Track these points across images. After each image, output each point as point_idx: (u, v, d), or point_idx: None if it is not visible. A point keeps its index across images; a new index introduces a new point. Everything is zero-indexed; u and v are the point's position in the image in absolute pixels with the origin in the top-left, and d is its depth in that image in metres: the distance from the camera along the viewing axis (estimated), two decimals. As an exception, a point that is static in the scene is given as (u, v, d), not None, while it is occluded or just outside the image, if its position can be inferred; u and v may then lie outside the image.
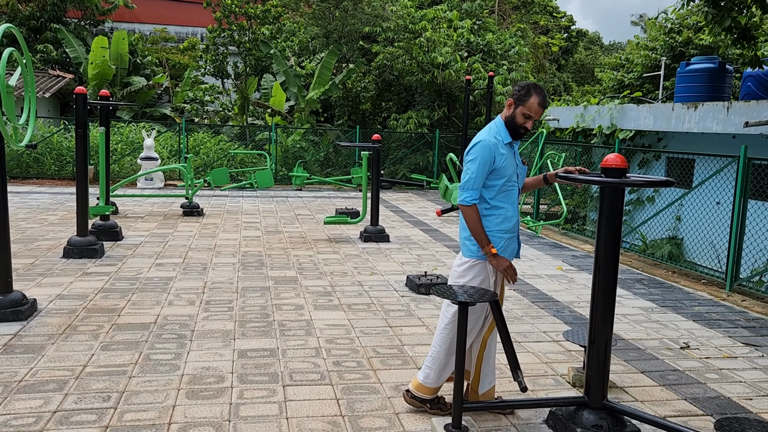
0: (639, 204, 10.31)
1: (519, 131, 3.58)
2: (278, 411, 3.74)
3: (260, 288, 6.48)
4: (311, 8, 20.56)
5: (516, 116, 3.56)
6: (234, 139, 19.02)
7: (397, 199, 15.10)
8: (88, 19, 23.52)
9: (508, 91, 18.80)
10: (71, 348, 4.60)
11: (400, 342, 5.01)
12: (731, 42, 8.77)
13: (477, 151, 3.52)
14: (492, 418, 3.74)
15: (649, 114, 9.75)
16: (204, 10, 19.91)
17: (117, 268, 7.11)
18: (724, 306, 6.59)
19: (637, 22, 41.23)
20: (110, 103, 8.61)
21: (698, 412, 3.96)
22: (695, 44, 16.21)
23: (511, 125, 3.58)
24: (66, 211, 10.97)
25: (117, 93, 21.07)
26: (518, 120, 3.55)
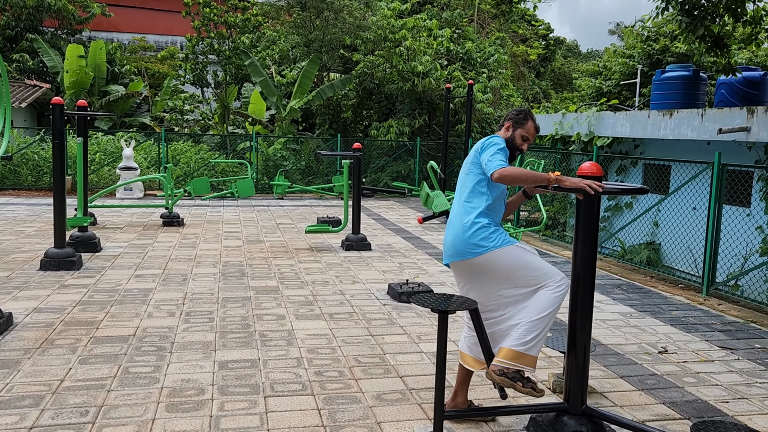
0: (617, 210, 10.44)
1: (515, 153, 3.70)
2: (259, 423, 3.71)
3: (241, 298, 6.44)
4: (292, 17, 20.58)
5: (515, 138, 3.70)
6: (215, 148, 18.92)
7: (378, 207, 15.12)
8: (65, 28, 23.30)
9: (488, 98, 18.99)
10: (48, 362, 4.53)
11: (382, 351, 5.02)
12: (705, 50, 8.94)
13: (497, 142, 3.55)
14: (473, 425, 3.76)
15: (626, 121, 9.89)
16: (183, 18, 19.79)
17: (95, 279, 7.02)
18: (701, 310, 6.69)
19: (615, 30, 41.86)
20: (88, 113, 8.53)
21: (676, 416, 4.01)
22: (672, 52, 16.51)
23: (510, 146, 3.68)
24: (43, 223, 10.82)
25: (95, 102, 20.86)
26: (517, 141, 3.70)
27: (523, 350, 3.40)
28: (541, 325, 3.41)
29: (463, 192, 3.68)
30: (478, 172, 3.61)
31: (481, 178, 3.60)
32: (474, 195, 3.61)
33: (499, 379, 3.43)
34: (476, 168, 3.63)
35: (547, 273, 3.47)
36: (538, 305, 3.42)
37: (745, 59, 15.27)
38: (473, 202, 3.60)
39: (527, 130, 3.70)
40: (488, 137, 3.67)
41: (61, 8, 21.86)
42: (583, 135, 10.85)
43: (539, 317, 3.40)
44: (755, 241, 7.86)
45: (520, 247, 3.56)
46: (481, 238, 3.51)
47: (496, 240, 3.51)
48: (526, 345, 3.40)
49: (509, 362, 3.40)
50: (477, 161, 3.63)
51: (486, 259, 3.51)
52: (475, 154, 3.64)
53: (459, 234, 3.57)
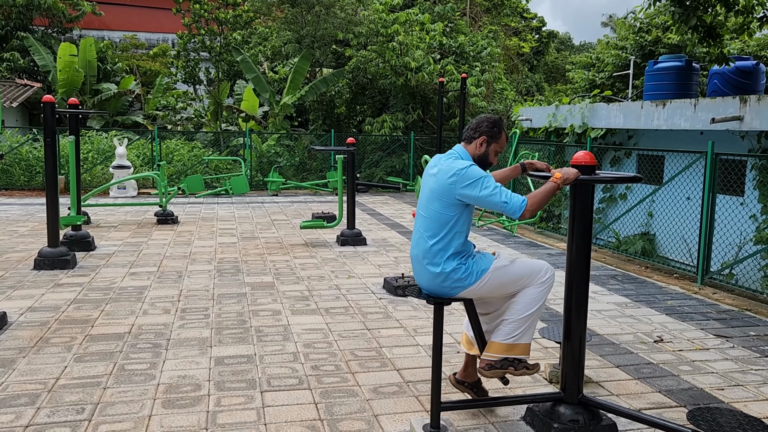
0: (612, 201, 10.46)
1: (485, 168, 3.42)
2: (256, 417, 3.71)
3: (237, 294, 6.43)
4: (283, 13, 20.50)
5: (489, 154, 3.44)
6: (208, 145, 18.86)
7: (373, 202, 15.11)
8: (55, 26, 23.15)
9: (481, 92, 18.97)
10: (43, 361, 4.51)
11: (378, 344, 5.01)
12: (698, 40, 8.95)
13: (476, 171, 3.25)
14: (470, 416, 3.76)
15: (619, 112, 9.90)
16: (174, 16, 19.69)
17: (90, 278, 6.99)
18: (696, 299, 6.72)
19: (607, 22, 41.88)
20: (79, 111, 8.48)
21: (672, 404, 4.03)
22: (664, 43, 16.52)
23: (482, 162, 3.42)
24: (36, 222, 10.76)
25: (87, 101, 20.75)
26: (491, 158, 3.45)
27: (513, 342, 3.40)
28: (530, 319, 3.40)
29: (429, 226, 3.35)
30: (450, 203, 3.28)
31: (455, 214, 3.29)
32: (445, 233, 3.31)
33: (489, 374, 3.43)
34: (447, 199, 3.28)
35: (531, 275, 3.39)
36: (526, 303, 3.38)
37: (737, 49, 15.30)
38: (442, 242, 3.31)
39: (501, 143, 3.45)
40: (455, 160, 3.33)
41: (51, 6, 21.71)
42: (576, 127, 10.85)
43: (527, 314, 3.38)
44: (749, 230, 7.89)
45: (496, 267, 3.38)
46: (454, 280, 3.34)
47: (469, 277, 3.34)
48: (516, 337, 3.39)
49: (500, 355, 3.40)
50: (450, 192, 3.26)
51: (465, 294, 3.42)
52: (448, 186, 3.27)
53: (431, 280, 3.37)
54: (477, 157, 3.45)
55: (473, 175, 3.24)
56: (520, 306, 3.37)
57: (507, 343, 3.39)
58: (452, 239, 3.33)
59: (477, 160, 3.44)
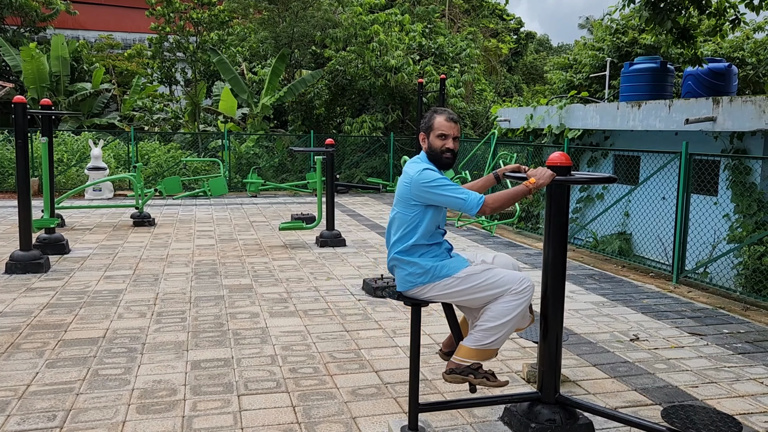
0: (589, 201, 10.56)
1: (444, 157, 3.40)
2: (233, 421, 3.67)
3: (214, 297, 6.36)
4: (260, 14, 20.38)
5: (433, 143, 3.41)
6: (186, 146, 18.66)
7: (353, 203, 15.08)
8: (27, 25, 22.73)
9: (461, 92, 19.05)
10: (14, 367, 4.42)
11: (357, 346, 4.99)
12: (672, 41, 9.08)
13: (427, 175, 3.27)
14: (448, 417, 3.76)
15: (596, 113, 10.01)
16: (148, 17, 19.45)
17: (63, 282, 6.87)
18: (671, 298, 6.81)
19: (584, 24, 42.34)
20: (51, 112, 8.33)
21: (648, 402, 4.07)
22: (640, 44, 16.72)
23: (434, 155, 3.42)
24: (8, 225, 10.55)
25: (62, 102, 20.41)
26: (436, 145, 3.39)
27: (482, 348, 3.32)
28: (504, 329, 3.29)
29: (395, 226, 3.44)
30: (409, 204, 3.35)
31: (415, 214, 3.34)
32: (407, 232, 3.37)
33: (449, 378, 3.39)
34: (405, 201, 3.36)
35: (504, 286, 3.28)
36: (499, 311, 3.28)
37: (710, 51, 15.55)
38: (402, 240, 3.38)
39: (438, 126, 3.39)
40: (414, 165, 3.37)
41: (24, 5, 21.32)
42: (554, 127, 10.94)
43: (500, 323, 3.28)
44: (723, 229, 8.02)
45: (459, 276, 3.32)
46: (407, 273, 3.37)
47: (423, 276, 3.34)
48: (486, 344, 3.31)
49: (466, 359, 3.34)
50: (407, 194, 3.34)
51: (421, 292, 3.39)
52: (404, 189, 3.36)
53: (400, 277, 3.43)
54: (429, 153, 3.44)
55: (424, 179, 3.28)
56: (493, 314, 3.29)
57: (475, 348, 3.32)
58: (412, 237, 3.37)
59: (431, 157, 3.43)
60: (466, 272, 3.34)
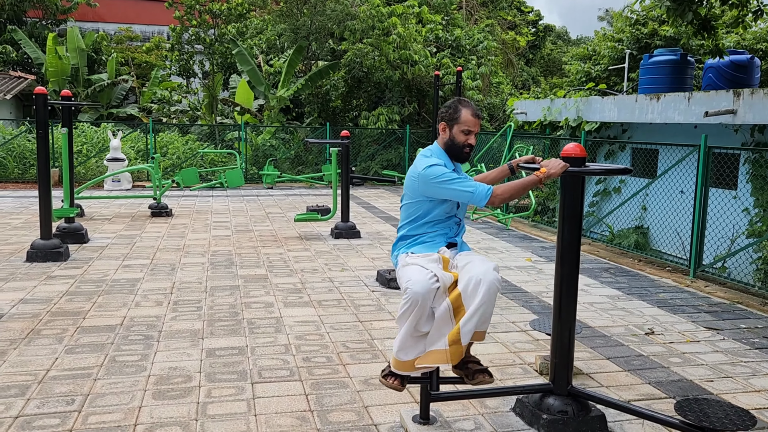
0: (606, 195, 10.47)
1: (464, 152, 3.33)
2: (246, 408, 3.71)
3: (229, 287, 6.43)
4: (278, 6, 20.40)
5: (455, 136, 3.31)
6: (203, 138, 18.80)
7: (368, 195, 15.10)
8: (48, 18, 23.00)
9: (477, 85, 18.94)
10: (34, 352, 4.51)
11: (370, 336, 5.02)
12: (693, 33, 8.94)
13: (435, 170, 3.22)
14: (459, 407, 3.78)
15: (614, 106, 9.90)
16: (168, 8, 19.59)
17: (82, 270, 6.98)
18: (688, 292, 6.74)
19: (604, 16, 41.80)
20: (71, 103, 8.44)
21: (661, 395, 4.05)
22: (660, 35, 16.49)
23: (453, 148, 3.33)
24: (30, 215, 10.73)
25: (80, 93, 20.65)
26: (459, 139, 3.30)
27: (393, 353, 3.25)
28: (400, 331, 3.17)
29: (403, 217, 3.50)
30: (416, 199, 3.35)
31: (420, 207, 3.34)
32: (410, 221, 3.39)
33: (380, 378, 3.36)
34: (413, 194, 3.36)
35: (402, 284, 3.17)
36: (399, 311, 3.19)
37: (732, 42, 15.29)
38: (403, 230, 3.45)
39: (465, 122, 3.28)
40: (423, 159, 3.32)
41: (44, -3, 21.60)
42: (571, 120, 10.85)
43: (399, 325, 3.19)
44: (742, 224, 7.91)
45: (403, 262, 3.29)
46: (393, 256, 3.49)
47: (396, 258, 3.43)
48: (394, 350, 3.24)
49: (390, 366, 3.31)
50: (415, 189, 3.32)
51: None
52: (411, 184, 3.34)
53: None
54: (447, 145, 3.36)
55: (431, 175, 3.23)
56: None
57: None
58: (412, 229, 3.41)
59: (448, 147, 3.36)
60: (402, 260, 3.34)
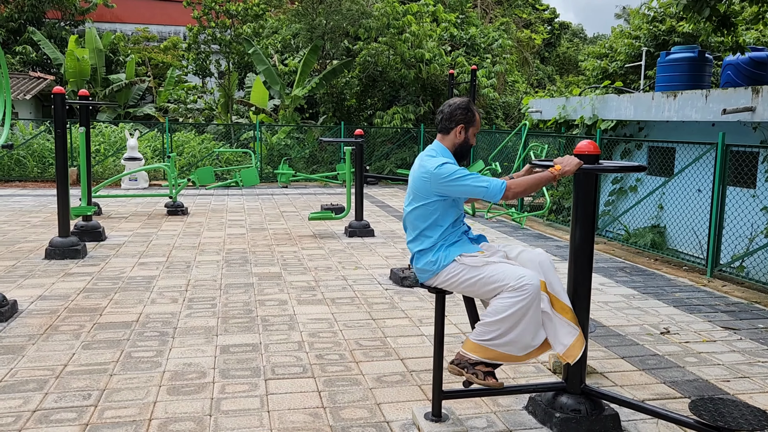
0: (622, 193, 10.38)
1: (467, 153, 3.46)
2: (260, 404, 3.74)
3: (244, 284, 6.47)
4: (294, 5, 20.49)
5: (470, 139, 3.40)
6: (219, 137, 18.93)
7: (383, 194, 15.11)
8: (67, 19, 23.29)
9: (492, 84, 18.86)
10: (52, 348, 4.58)
11: (383, 334, 5.03)
12: (712, 30, 8.83)
13: (448, 168, 3.22)
14: (472, 405, 3.77)
15: (630, 104, 9.81)
16: (185, 8, 19.76)
17: (99, 268, 7.07)
18: (705, 292, 6.67)
19: (621, 14, 41.41)
20: (89, 102, 8.55)
21: (677, 395, 4.01)
22: (678, 32, 16.30)
23: (464, 149, 3.41)
24: (49, 213, 10.88)
25: (98, 93, 20.89)
26: (472, 142, 3.41)
27: (483, 344, 3.24)
28: (502, 326, 3.17)
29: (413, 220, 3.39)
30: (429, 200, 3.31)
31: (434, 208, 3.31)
32: (427, 226, 3.34)
33: (450, 368, 3.37)
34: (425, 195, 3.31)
35: (501, 281, 3.17)
36: (496, 308, 3.18)
37: (752, 39, 15.08)
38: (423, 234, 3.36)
39: (477, 125, 3.42)
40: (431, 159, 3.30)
41: (63, -1, 21.88)
42: (586, 118, 10.76)
43: (496, 319, 3.17)
44: (760, 222, 7.80)
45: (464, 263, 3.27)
46: (424, 263, 3.34)
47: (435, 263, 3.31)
48: (486, 342, 3.23)
49: (469, 353, 3.29)
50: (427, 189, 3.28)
51: (434, 282, 3.38)
52: (423, 184, 3.30)
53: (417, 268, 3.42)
54: (458, 146, 3.40)
55: (444, 173, 3.22)
56: (492, 308, 3.21)
57: (475, 342, 3.26)
58: (431, 230, 3.35)
59: (458, 148, 3.40)
60: (466, 262, 3.27)
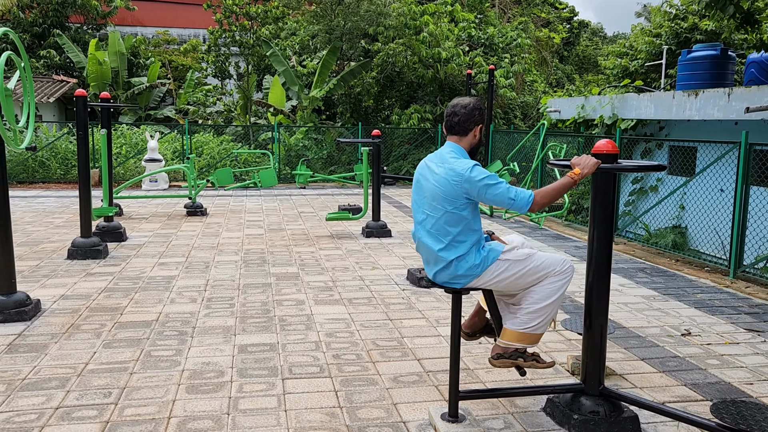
0: (642, 193, 10.26)
1: (477, 152, 3.49)
2: (277, 404, 3.76)
3: (262, 284, 6.51)
4: (311, 6, 20.58)
5: (481, 139, 3.47)
6: (237, 139, 19.08)
7: (400, 195, 15.11)
8: (89, 23, 23.66)
9: (510, 83, 18.77)
10: (74, 346, 4.65)
11: (400, 334, 5.03)
12: (734, 27, 8.71)
13: (481, 170, 3.22)
14: (489, 406, 3.75)
15: (650, 103, 9.70)
16: (205, 11, 19.96)
17: (120, 268, 7.16)
18: (727, 293, 6.56)
19: (642, 12, 40.93)
20: (110, 105, 8.67)
21: (698, 398, 3.95)
22: (701, 29, 16.07)
23: (476, 150, 3.45)
24: (71, 214, 11.05)
25: (120, 96, 21.17)
26: (482, 141, 3.49)
27: (527, 331, 3.34)
28: (548, 310, 3.33)
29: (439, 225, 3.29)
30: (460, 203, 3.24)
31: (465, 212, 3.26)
32: (459, 231, 3.27)
33: (498, 363, 3.39)
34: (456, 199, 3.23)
35: (547, 268, 3.32)
36: (544, 293, 3.31)
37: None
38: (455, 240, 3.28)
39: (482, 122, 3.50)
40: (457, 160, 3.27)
41: (85, 3, 22.20)
42: (606, 118, 10.66)
43: (545, 305, 3.31)
44: (785, 223, 7.66)
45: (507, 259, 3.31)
46: (467, 269, 3.29)
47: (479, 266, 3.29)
48: (531, 328, 3.33)
49: (512, 343, 3.35)
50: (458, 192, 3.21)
51: (476, 284, 3.35)
52: (454, 187, 3.22)
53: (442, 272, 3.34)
54: (473, 146, 3.43)
55: (479, 175, 3.20)
56: (539, 296, 3.32)
57: (521, 331, 3.35)
58: (467, 234, 3.29)
59: (473, 148, 3.44)
60: (510, 257, 3.33)
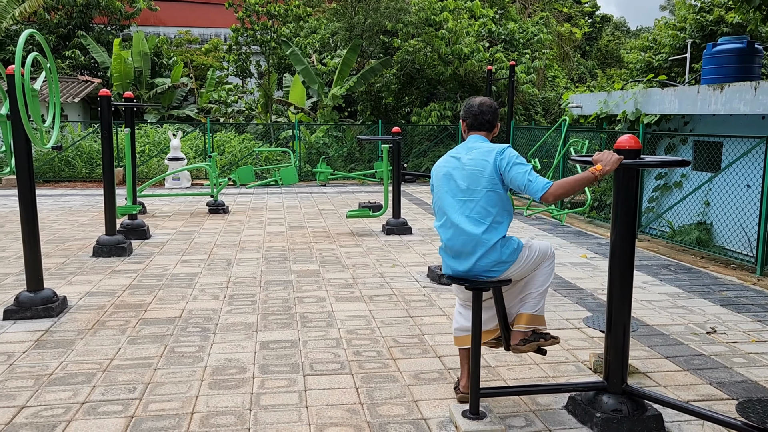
0: (666, 190, 10.11)
1: None
2: (298, 400, 3.79)
3: (283, 282, 6.56)
4: (332, 4, 20.63)
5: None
6: (258, 137, 19.21)
7: (420, 192, 15.09)
8: (113, 24, 24.00)
9: (531, 79, 18.61)
10: (99, 342, 4.73)
11: (421, 331, 5.03)
12: (761, 19, 8.53)
13: (513, 151, 3.39)
14: (510, 404, 3.74)
15: (674, 97, 9.55)
16: (226, 11, 20.14)
17: (144, 265, 7.26)
18: (754, 290, 6.44)
19: (666, 5, 40.27)
20: (134, 104, 8.79)
21: (723, 396, 3.89)
22: (727, 22, 15.75)
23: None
24: (96, 212, 11.23)
25: (143, 95, 21.44)
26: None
27: (537, 313, 3.58)
28: (546, 291, 3.62)
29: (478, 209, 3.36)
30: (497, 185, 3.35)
31: (503, 194, 3.38)
32: (497, 213, 3.36)
33: (526, 348, 3.54)
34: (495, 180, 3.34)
35: (543, 253, 3.56)
36: (546, 275, 3.57)
37: (806, 28, 14.45)
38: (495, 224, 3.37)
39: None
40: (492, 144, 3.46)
41: (109, 4, 22.52)
42: (629, 113, 10.52)
43: (546, 286, 3.58)
44: (814, 219, 7.48)
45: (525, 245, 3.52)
46: (508, 254, 3.40)
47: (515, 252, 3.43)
48: (539, 309, 3.58)
49: (530, 326, 3.55)
50: (496, 172, 3.33)
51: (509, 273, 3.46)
52: (495, 168, 3.34)
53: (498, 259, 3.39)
54: (492, 141, 3.63)
55: (514, 155, 3.39)
56: (543, 278, 3.56)
57: (533, 314, 3.55)
58: (501, 215, 3.40)
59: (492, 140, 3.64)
60: (526, 243, 3.56)
